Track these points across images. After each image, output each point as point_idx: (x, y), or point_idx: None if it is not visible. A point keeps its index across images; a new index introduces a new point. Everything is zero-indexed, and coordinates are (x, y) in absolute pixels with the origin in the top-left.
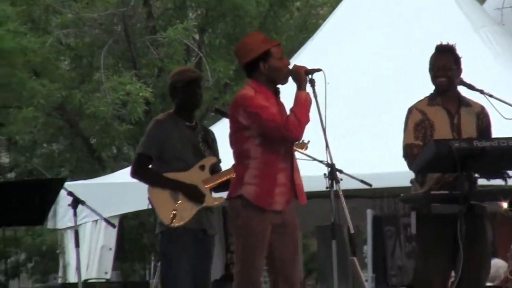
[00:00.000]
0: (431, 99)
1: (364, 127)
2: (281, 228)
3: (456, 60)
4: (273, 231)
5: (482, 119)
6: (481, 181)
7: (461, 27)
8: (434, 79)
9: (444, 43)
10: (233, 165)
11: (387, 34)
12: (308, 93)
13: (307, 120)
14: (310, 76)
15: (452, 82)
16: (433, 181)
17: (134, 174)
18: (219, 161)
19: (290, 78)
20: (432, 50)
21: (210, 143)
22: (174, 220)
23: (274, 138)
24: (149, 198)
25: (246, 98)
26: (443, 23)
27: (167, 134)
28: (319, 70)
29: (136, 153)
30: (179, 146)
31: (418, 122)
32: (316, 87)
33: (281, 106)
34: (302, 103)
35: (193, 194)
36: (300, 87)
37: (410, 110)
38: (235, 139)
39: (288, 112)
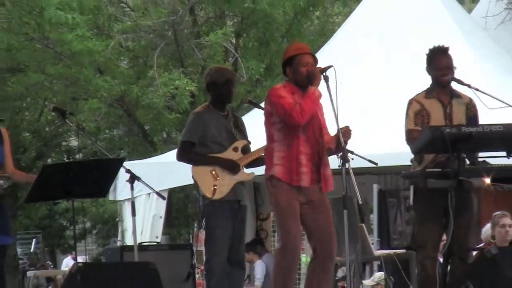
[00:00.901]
0: (427, 93)
1: (370, 115)
2: (308, 205)
3: (452, 59)
4: (302, 208)
5: (471, 109)
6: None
7: (452, 32)
8: (438, 77)
9: (438, 45)
10: (265, 149)
11: (389, 38)
12: (317, 89)
13: (310, 109)
14: (324, 73)
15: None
16: (429, 160)
17: (179, 158)
18: (248, 143)
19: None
20: (424, 52)
21: (241, 128)
22: (214, 194)
23: (285, 122)
24: (192, 176)
25: (273, 89)
26: (437, 30)
27: (206, 123)
28: (330, 66)
29: (180, 140)
30: (216, 132)
31: (417, 111)
32: (330, 83)
33: (310, 96)
34: (310, 96)
35: (230, 166)
36: (313, 83)
37: (410, 102)
38: (266, 125)
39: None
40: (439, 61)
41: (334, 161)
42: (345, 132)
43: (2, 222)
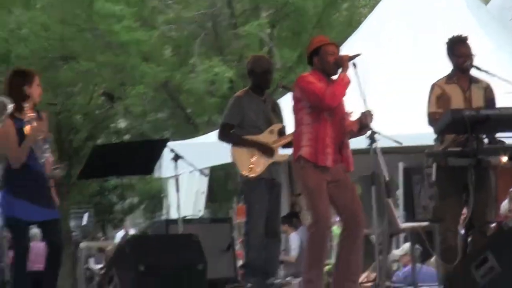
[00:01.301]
0: (448, 78)
1: (396, 98)
2: (333, 183)
3: (471, 48)
4: (329, 187)
5: (489, 93)
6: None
7: (470, 23)
8: (459, 64)
9: (457, 34)
10: (293, 132)
11: (413, 28)
12: (346, 75)
13: (341, 93)
14: (352, 61)
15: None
16: (450, 140)
17: (220, 138)
18: (284, 126)
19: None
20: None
21: (278, 112)
22: (251, 172)
23: (316, 106)
24: (231, 155)
25: (302, 76)
26: (456, 22)
27: (245, 107)
28: (358, 55)
29: (221, 122)
30: (254, 115)
31: (438, 95)
32: (358, 70)
33: (341, 81)
34: (339, 82)
35: (266, 150)
36: (343, 70)
37: (432, 86)
38: (294, 110)
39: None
40: (459, 49)
41: (362, 141)
42: (368, 115)
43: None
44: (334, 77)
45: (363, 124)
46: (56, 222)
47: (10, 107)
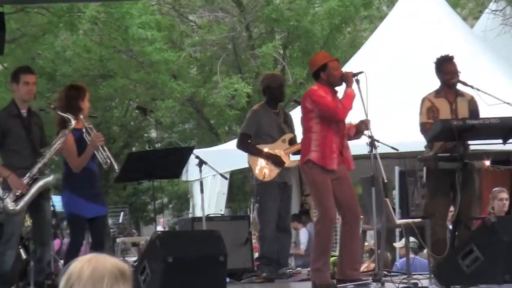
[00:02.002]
0: (437, 93)
1: (393, 110)
2: (337, 180)
3: (456, 65)
4: (333, 184)
5: (472, 105)
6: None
7: (458, 44)
8: (447, 80)
9: (445, 54)
10: (302, 139)
11: (407, 49)
12: (353, 90)
13: (350, 107)
14: (356, 77)
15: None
16: (438, 147)
17: (238, 147)
18: (294, 136)
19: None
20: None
21: (289, 123)
22: (265, 176)
23: (327, 118)
24: (248, 162)
25: (312, 90)
26: (446, 42)
27: (261, 119)
28: (361, 72)
29: (240, 133)
30: (268, 126)
31: (428, 107)
32: (360, 85)
33: (336, 100)
34: (348, 96)
35: (277, 161)
36: (348, 86)
37: (423, 100)
38: (304, 119)
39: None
40: (446, 67)
41: (363, 148)
42: (366, 123)
43: (103, 196)
44: (337, 88)
45: (359, 130)
46: (104, 218)
47: (73, 123)
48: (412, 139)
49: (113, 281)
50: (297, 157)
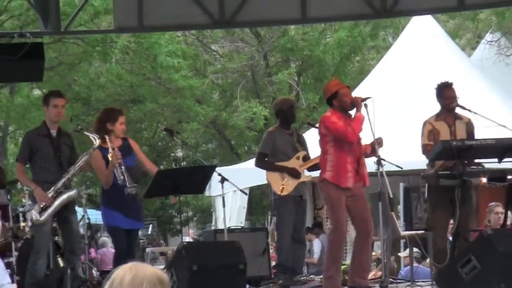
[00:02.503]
0: (437, 116)
1: (398, 131)
2: (352, 197)
3: (455, 91)
4: (347, 200)
5: (470, 127)
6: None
7: (457, 72)
8: (446, 105)
9: (445, 81)
10: (320, 159)
11: (410, 76)
12: (361, 114)
13: (359, 129)
14: (364, 102)
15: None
16: (439, 165)
17: (257, 165)
18: (307, 153)
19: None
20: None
21: (302, 142)
22: (282, 191)
23: (340, 140)
24: (267, 178)
25: (326, 117)
26: (444, 70)
27: (276, 139)
28: (369, 97)
29: (257, 152)
30: (283, 146)
31: (430, 130)
32: (368, 109)
33: (347, 123)
34: (357, 120)
35: (293, 173)
36: (357, 110)
37: (424, 123)
38: (321, 143)
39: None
40: (445, 93)
41: (371, 166)
42: (380, 142)
43: (139, 211)
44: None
45: (374, 148)
46: (136, 231)
47: (97, 142)
48: (415, 158)
49: (152, 286)
50: (311, 173)
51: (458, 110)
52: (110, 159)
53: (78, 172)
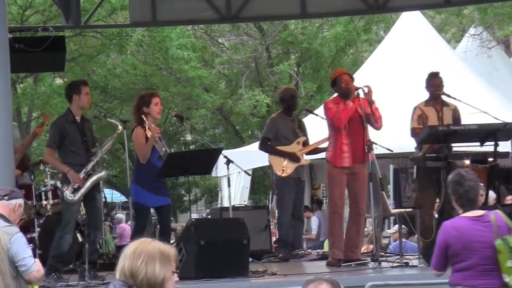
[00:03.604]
0: (426, 102)
1: (388, 118)
2: (351, 175)
3: (442, 80)
4: (348, 178)
5: (456, 113)
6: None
7: (443, 63)
8: (433, 92)
9: (434, 70)
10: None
11: (401, 66)
12: (351, 102)
13: (346, 116)
14: (357, 91)
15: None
16: (426, 148)
17: (260, 148)
18: (307, 138)
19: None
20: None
21: (302, 128)
22: (283, 172)
23: (332, 126)
24: (269, 160)
25: (325, 103)
26: (433, 62)
27: (278, 125)
28: (365, 86)
29: (261, 136)
30: (285, 131)
31: (419, 115)
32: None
33: (349, 106)
34: (345, 108)
35: (293, 157)
36: (349, 97)
37: (415, 108)
38: (327, 125)
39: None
40: (433, 81)
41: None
42: (368, 91)
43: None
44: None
45: (369, 99)
46: (168, 207)
47: (120, 127)
48: (404, 142)
49: (150, 259)
50: (310, 157)
51: (445, 98)
52: (149, 135)
53: (104, 155)
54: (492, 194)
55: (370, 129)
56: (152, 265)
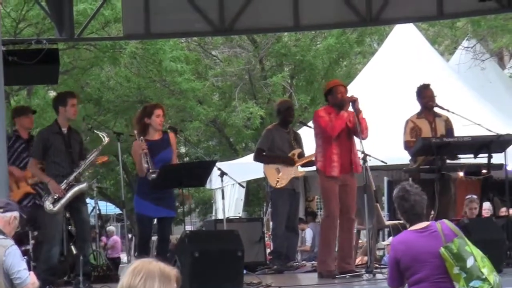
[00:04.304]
0: (418, 114)
1: (382, 129)
2: (342, 186)
3: (433, 92)
4: (340, 188)
5: (448, 124)
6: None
7: (435, 76)
8: (425, 104)
9: (426, 82)
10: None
11: (394, 79)
12: (345, 112)
13: (339, 126)
14: (351, 102)
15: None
16: (421, 160)
17: (255, 159)
18: (302, 150)
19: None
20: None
21: (298, 140)
22: (277, 184)
23: (324, 133)
24: (263, 172)
25: (315, 112)
26: (424, 73)
27: (274, 137)
28: (356, 98)
29: (256, 148)
30: (280, 143)
31: (411, 128)
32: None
33: (341, 117)
34: (340, 117)
35: (287, 161)
36: (343, 108)
37: (407, 121)
38: (314, 136)
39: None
40: (424, 93)
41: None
42: (356, 101)
43: (171, 201)
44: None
45: (356, 108)
46: (169, 219)
47: (106, 139)
48: (398, 154)
49: (149, 277)
50: (304, 169)
51: (436, 109)
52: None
53: (89, 166)
54: (487, 206)
55: (364, 141)
56: (151, 283)
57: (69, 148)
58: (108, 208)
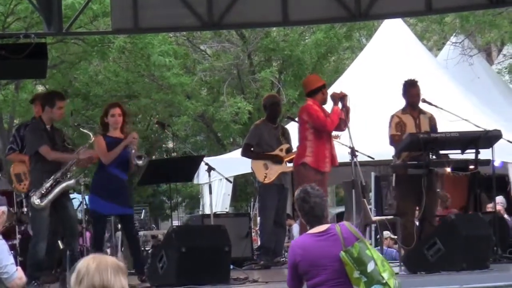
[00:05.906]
0: (403, 110)
1: (369, 125)
2: (320, 181)
3: (419, 88)
4: (318, 182)
5: (432, 121)
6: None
7: (424, 71)
8: (410, 102)
9: (412, 78)
10: (298, 146)
11: (381, 74)
12: (338, 107)
13: (336, 121)
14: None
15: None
16: (405, 156)
17: (242, 154)
18: (290, 146)
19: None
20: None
21: (286, 136)
22: (265, 179)
23: (319, 129)
24: (251, 167)
25: (308, 105)
26: (414, 70)
27: (262, 132)
28: (346, 95)
29: (244, 143)
30: (268, 138)
31: (397, 122)
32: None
33: (326, 113)
34: (335, 112)
35: (275, 159)
36: (335, 104)
37: (392, 116)
38: (300, 129)
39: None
40: (411, 91)
41: (346, 157)
42: (342, 94)
43: (127, 198)
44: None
45: (345, 106)
46: (129, 217)
47: (92, 138)
48: (386, 150)
49: (115, 272)
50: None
51: (423, 106)
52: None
53: (74, 164)
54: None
55: (352, 136)
56: (119, 277)
57: (55, 145)
58: None
